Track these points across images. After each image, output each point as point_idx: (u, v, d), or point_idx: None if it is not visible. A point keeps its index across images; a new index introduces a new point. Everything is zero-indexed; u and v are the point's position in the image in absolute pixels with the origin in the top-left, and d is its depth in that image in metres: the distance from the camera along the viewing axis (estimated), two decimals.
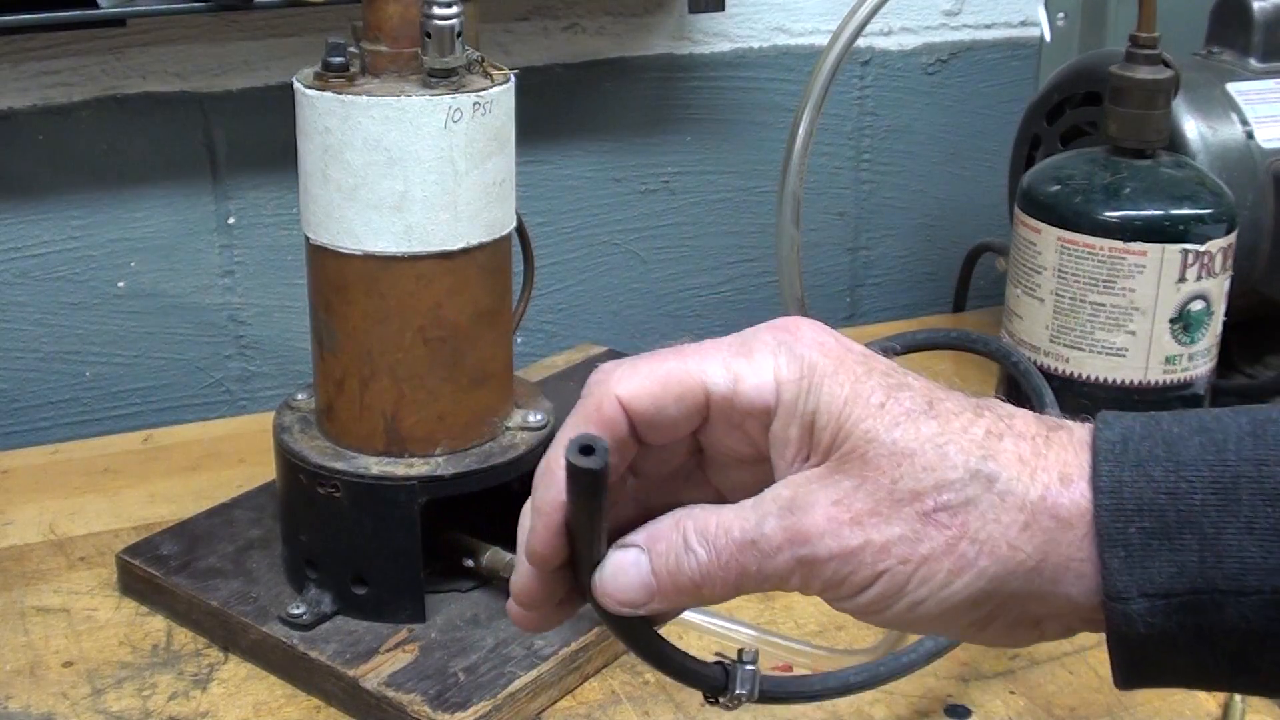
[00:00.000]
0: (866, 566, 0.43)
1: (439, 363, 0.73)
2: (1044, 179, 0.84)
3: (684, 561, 0.45)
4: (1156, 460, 0.43)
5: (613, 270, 1.20)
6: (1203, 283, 0.80)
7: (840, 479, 0.44)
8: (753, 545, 0.44)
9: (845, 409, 0.44)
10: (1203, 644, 0.43)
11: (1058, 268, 0.81)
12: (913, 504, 0.43)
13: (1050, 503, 0.43)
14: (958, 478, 0.43)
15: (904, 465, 0.43)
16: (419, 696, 0.69)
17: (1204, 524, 0.42)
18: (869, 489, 0.43)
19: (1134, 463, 0.43)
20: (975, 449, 0.44)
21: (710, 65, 1.18)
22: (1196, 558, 0.42)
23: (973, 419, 0.44)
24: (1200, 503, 0.42)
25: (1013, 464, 0.43)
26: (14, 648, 0.76)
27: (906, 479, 0.43)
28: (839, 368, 0.45)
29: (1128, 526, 0.42)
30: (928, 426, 0.44)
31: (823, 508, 0.44)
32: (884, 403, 0.44)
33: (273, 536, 0.81)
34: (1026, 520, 0.43)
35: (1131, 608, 0.42)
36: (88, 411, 1.06)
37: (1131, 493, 0.42)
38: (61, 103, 0.99)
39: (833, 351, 0.45)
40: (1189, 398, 0.82)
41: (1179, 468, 0.42)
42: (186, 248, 1.05)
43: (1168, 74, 0.82)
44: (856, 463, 0.44)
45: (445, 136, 0.70)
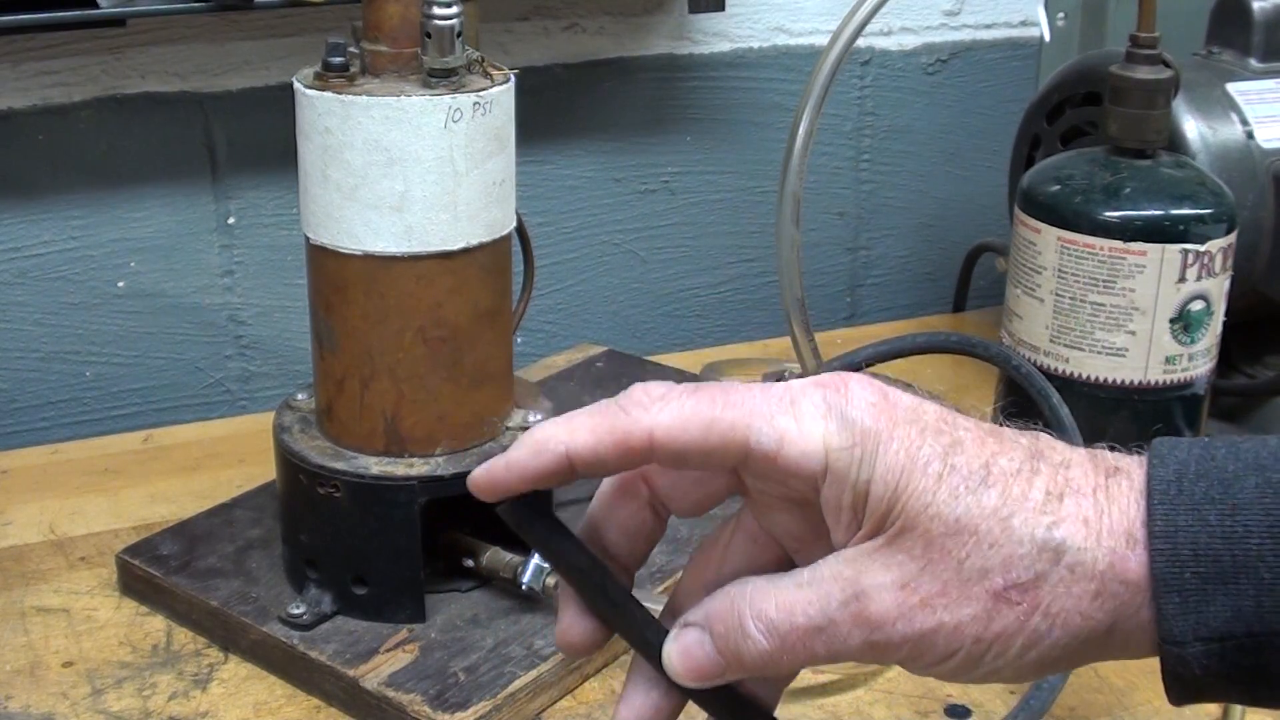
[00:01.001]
0: (940, 647, 0.43)
1: (439, 363, 0.73)
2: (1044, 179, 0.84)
3: (744, 647, 0.44)
4: (1212, 502, 0.42)
5: (613, 270, 1.20)
6: (1203, 283, 0.80)
7: (904, 559, 0.43)
8: (820, 631, 0.43)
9: (902, 480, 0.43)
10: (1259, 683, 0.42)
11: (1058, 268, 0.81)
12: (981, 583, 0.42)
13: (1119, 569, 0.42)
14: (1025, 552, 0.42)
15: (969, 543, 0.42)
16: (419, 696, 0.69)
17: (1260, 569, 0.41)
18: (935, 570, 0.43)
19: (1189, 505, 0.42)
20: (1039, 516, 0.43)
21: (710, 65, 1.18)
22: (1253, 602, 0.41)
23: (1030, 477, 0.43)
24: (1257, 547, 0.41)
25: (1078, 529, 0.43)
26: (14, 648, 0.76)
27: (973, 557, 0.42)
28: (892, 433, 0.43)
29: (1183, 571, 0.42)
30: (988, 498, 0.43)
31: (891, 592, 0.43)
32: (941, 473, 0.43)
33: (273, 536, 0.81)
34: (1097, 589, 0.42)
35: (1188, 652, 0.42)
36: (88, 411, 1.06)
37: (1187, 537, 0.42)
38: (61, 103, 0.99)
39: (884, 414, 0.44)
40: (1189, 398, 0.82)
41: (1235, 510, 0.42)
42: (186, 248, 1.05)
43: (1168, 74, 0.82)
44: (920, 541, 0.43)
45: (445, 136, 0.70)
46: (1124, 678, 0.76)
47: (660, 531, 0.50)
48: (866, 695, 0.74)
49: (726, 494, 0.48)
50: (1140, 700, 0.74)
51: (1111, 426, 0.82)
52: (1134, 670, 0.76)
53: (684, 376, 1.04)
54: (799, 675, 0.75)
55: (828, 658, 0.44)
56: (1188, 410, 0.83)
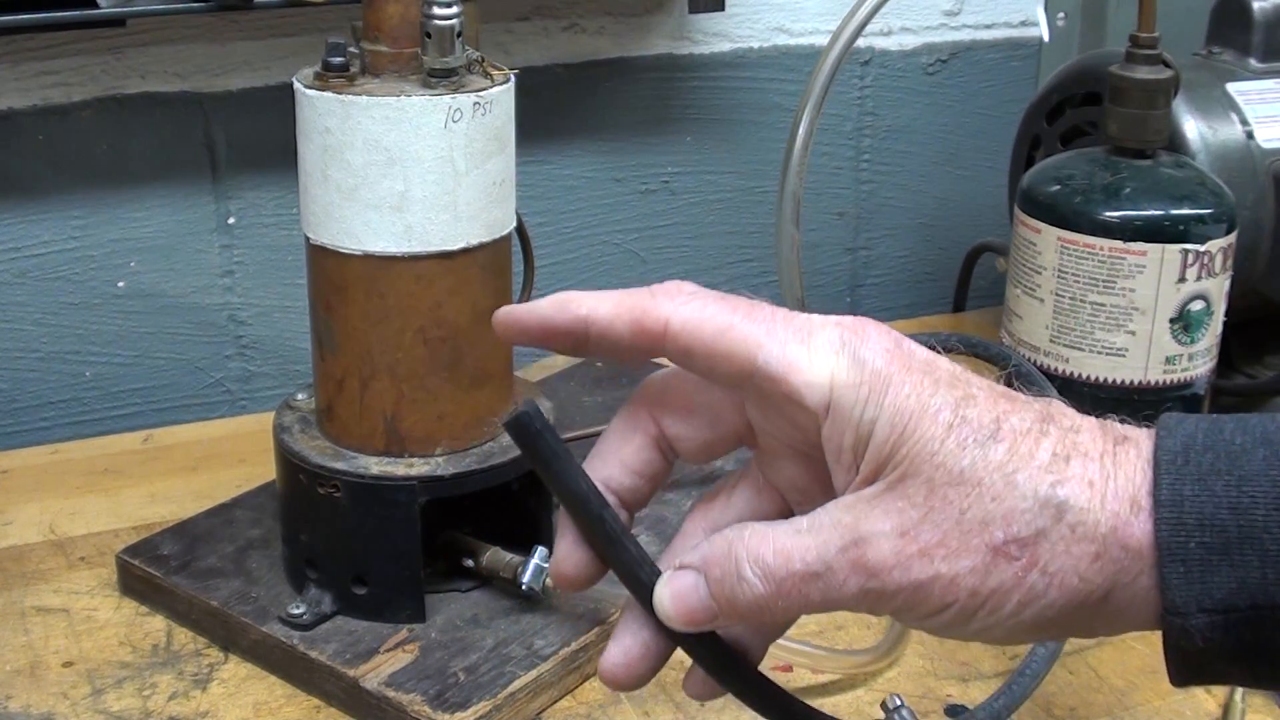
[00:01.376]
0: (935, 598, 0.43)
1: (439, 363, 0.73)
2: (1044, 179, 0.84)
3: (739, 591, 0.44)
4: (1219, 474, 0.42)
5: (613, 270, 1.20)
6: (1203, 283, 0.80)
7: (905, 506, 0.43)
8: (816, 577, 0.43)
9: (910, 424, 0.43)
10: (1261, 658, 0.42)
11: (1058, 268, 0.81)
12: (981, 535, 0.42)
13: (1121, 534, 0.42)
14: (1027, 507, 0.42)
15: (972, 495, 0.42)
16: (419, 696, 0.69)
17: (1266, 540, 0.41)
18: (936, 519, 0.42)
19: (1195, 476, 0.42)
20: (1044, 475, 0.42)
21: (710, 65, 1.18)
22: (1258, 574, 0.41)
23: (1039, 437, 0.43)
24: (1263, 518, 0.41)
25: (1083, 490, 0.42)
26: (14, 648, 0.76)
27: (975, 509, 0.42)
28: (905, 378, 0.43)
29: (1188, 541, 0.41)
30: (995, 452, 0.42)
31: (890, 540, 0.43)
32: (952, 422, 0.43)
33: (273, 536, 0.81)
34: (1098, 551, 0.42)
35: (1190, 623, 0.42)
36: (88, 411, 1.06)
37: (1193, 506, 0.42)
38: (61, 103, 0.99)
39: (898, 359, 0.44)
40: (1189, 398, 0.82)
41: (1241, 482, 0.42)
42: (186, 248, 1.05)
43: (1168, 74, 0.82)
44: (922, 488, 0.43)
45: (445, 136, 0.70)
46: (1124, 678, 0.76)
47: (666, 473, 0.49)
48: (866, 695, 0.74)
49: (734, 441, 0.48)
50: (1140, 700, 0.74)
51: None
52: (1134, 670, 0.76)
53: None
54: (799, 675, 0.75)
55: (823, 605, 0.44)
56: (1188, 410, 0.83)
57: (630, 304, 0.45)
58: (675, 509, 0.86)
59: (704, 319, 0.44)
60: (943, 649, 0.78)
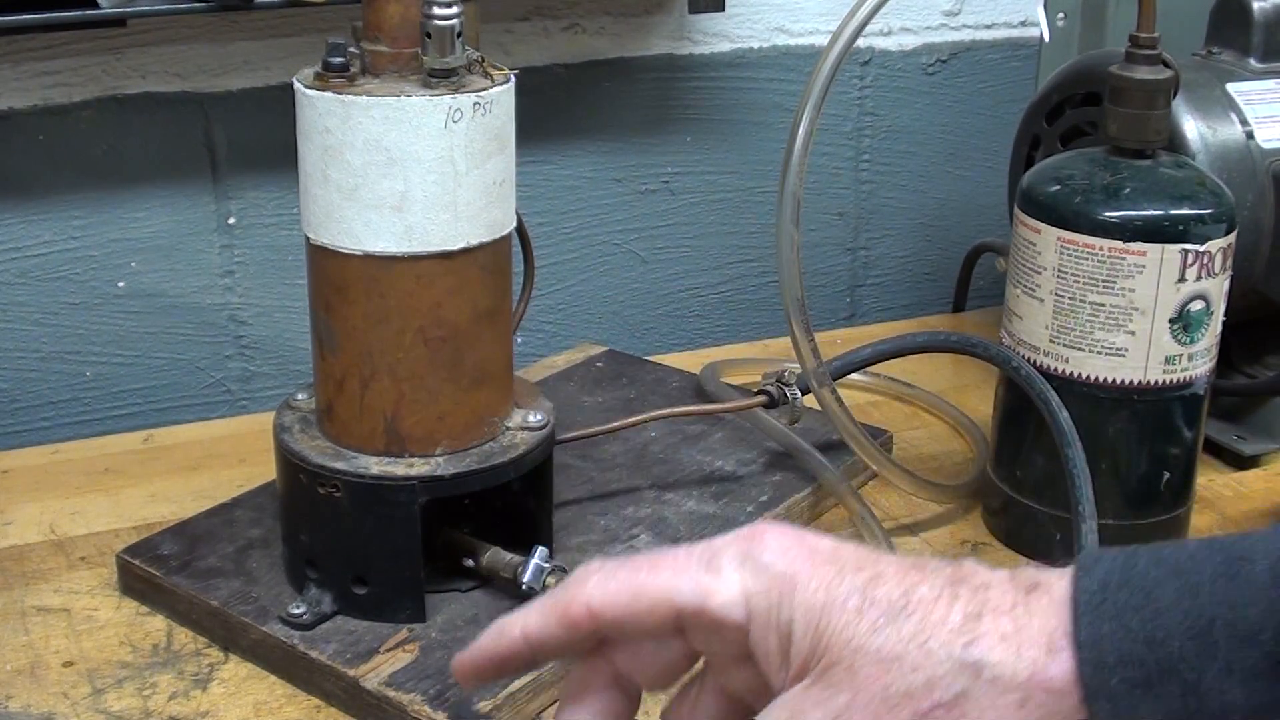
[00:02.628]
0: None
1: (439, 363, 0.73)
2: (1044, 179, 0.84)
3: None
4: (1134, 610, 0.43)
5: (613, 270, 1.20)
6: (1203, 283, 0.80)
7: (833, 694, 0.44)
8: None
9: (822, 618, 0.45)
10: None
11: (1057, 268, 0.81)
12: (907, 706, 0.44)
13: (1041, 678, 0.43)
14: (945, 671, 0.44)
15: (892, 670, 0.44)
16: (419, 696, 0.69)
17: (1184, 670, 0.42)
18: (863, 701, 0.44)
19: (1112, 614, 0.43)
20: (957, 637, 0.44)
21: (710, 65, 1.18)
22: (1180, 703, 0.42)
23: (950, 601, 0.45)
24: (1179, 649, 0.42)
25: (997, 644, 0.44)
26: (14, 648, 0.76)
27: (896, 683, 0.44)
28: (812, 573, 0.46)
29: (1110, 678, 0.43)
30: (907, 625, 0.44)
31: (821, 717, 0.44)
32: (861, 606, 0.45)
33: (273, 536, 0.81)
34: (1022, 698, 0.43)
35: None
36: (88, 411, 1.06)
37: (1111, 644, 0.43)
38: (61, 103, 0.99)
39: (800, 557, 0.46)
40: (1189, 398, 0.82)
41: (1156, 616, 0.43)
42: (187, 248, 1.05)
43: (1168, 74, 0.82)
44: (844, 675, 0.44)
45: (445, 136, 0.70)
46: None
47: (633, 711, 0.52)
48: None
49: (688, 660, 0.50)
50: None
51: (1111, 427, 0.82)
52: None
53: (684, 376, 1.04)
54: None
55: None
56: (1187, 410, 0.83)
57: (553, 605, 0.48)
58: (675, 508, 0.86)
59: (616, 590, 0.47)
60: None
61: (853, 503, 0.88)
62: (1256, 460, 0.98)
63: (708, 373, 1.03)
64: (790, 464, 0.92)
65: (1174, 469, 0.84)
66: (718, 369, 1.03)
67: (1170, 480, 0.84)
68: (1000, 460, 0.88)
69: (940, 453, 0.99)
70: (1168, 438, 0.83)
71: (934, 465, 0.97)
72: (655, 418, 0.91)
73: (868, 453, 0.88)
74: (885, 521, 0.88)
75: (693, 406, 0.95)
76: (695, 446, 0.94)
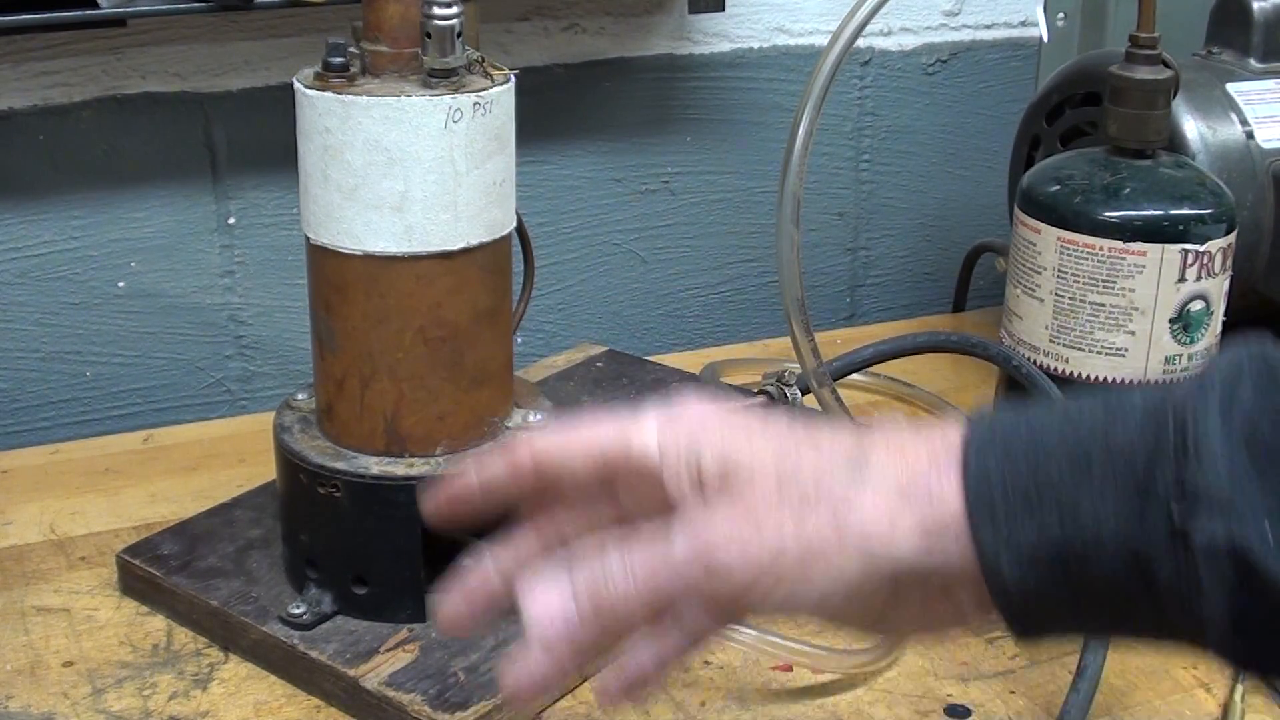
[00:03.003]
0: (766, 554, 0.47)
1: (439, 363, 0.73)
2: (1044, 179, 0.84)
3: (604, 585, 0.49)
4: (1019, 440, 0.47)
5: (613, 270, 1.20)
6: (1202, 283, 0.80)
7: (732, 500, 0.48)
8: (666, 563, 0.48)
9: (729, 450, 0.49)
10: (1077, 601, 0.46)
11: (1057, 268, 0.81)
12: (797, 493, 0.48)
13: (924, 479, 0.47)
14: (835, 468, 0.48)
15: (789, 482, 0.48)
16: (419, 696, 0.69)
17: (1061, 492, 0.45)
18: (759, 495, 0.48)
19: (1000, 448, 0.47)
20: (850, 449, 0.49)
21: (710, 65, 1.18)
22: (1057, 522, 0.45)
23: (851, 436, 0.49)
24: (1057, 473, 0.45)
25: (884, 452, 0.48)
26: (14, 648, 0.76)
27: (790, 484, 0.48)
28: (721, 422, 0.50)
29: (994, 503, 0.46)
30: (809, 453, 0.49)
31: (722, 518, 0.48)
32: (765, 433, 0.50)
33: (273, 536, 0.81)
34: (902, 491, 0.47)
35: (1003, 571, 0.46)
36: (88, 411, 1.06)
37: (997, 473, 0.46)
38: (61, 103, 0.99)
39: (713, 412, 0.51)
40: None
41: (1038, 446, 0.46)
42: (187, 248, 1.05)
43: (1168, 74, 0.82)
44: (744, 483, 0.48)
45: (445, 136, 0.70)
46: (1124, 678, 0.76)
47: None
48: (866, 695, 0.74)
49: (617, 527, 0.53)
50: (1140, 700, 0.74)
51: None
52: (1134, 670, 0.76)
53: (684, 376, 1.04)
54: (800, 675, 0.75)
55: (669, 591, 0.48)
56: None
57: (502, 452, 0.53)
58: None
59: (556, 439, 0.52)
60: (942, 649, 0.78)
61: None
62: None
63: (708, 373, 1.03)
64: None
65: None
66: (718, 369, 1.03)
67: None
68: None
69: None
70: None
71: None
72: None
73: None
74: None
75: None
76: None
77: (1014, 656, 0.77)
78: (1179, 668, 0.77)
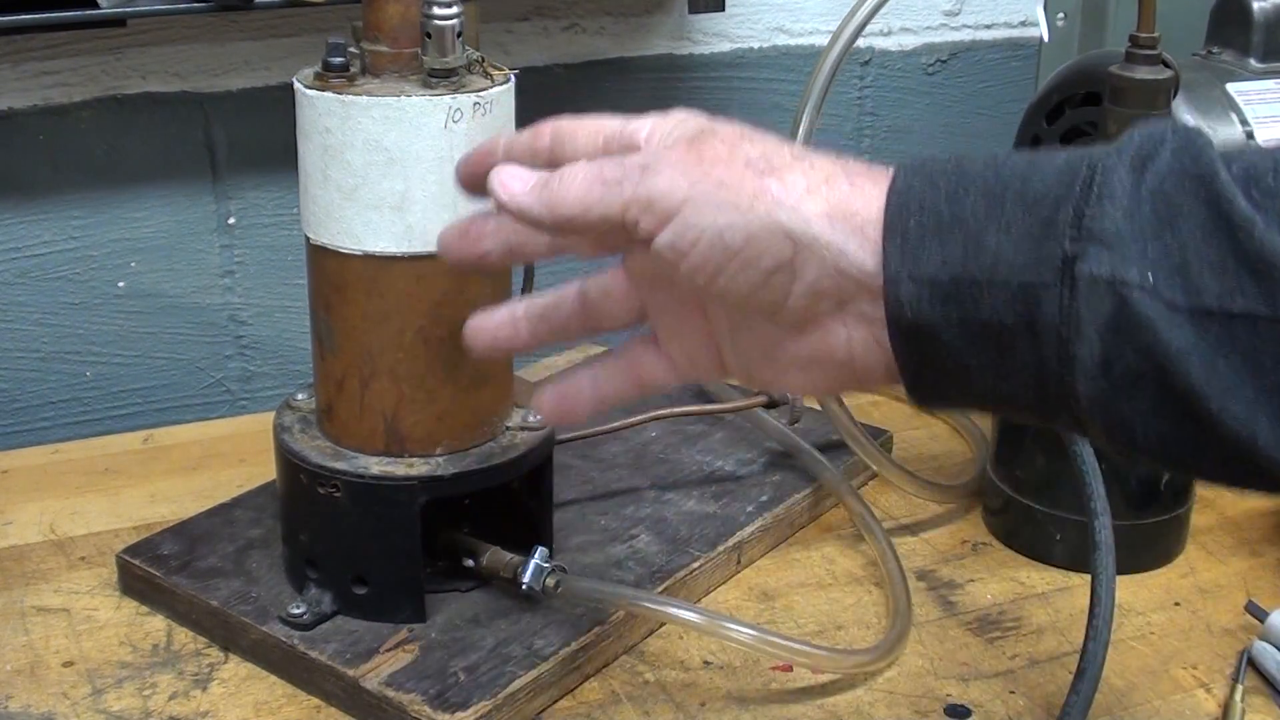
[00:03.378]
0: (700, 184, 0.51)
1: (439, 363, 0.73)
2: None
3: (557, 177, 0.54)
4: (945, 173, 0.49)
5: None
6: None
7: (690, 147, 0.52)
8: (616, 166, 0.53)
9: (705, 124, 0.53)
10: (965, 338, 0.48)
11: None
12: (743, 158, 0.51)
13: (851, 176, 0.50)
14: (778, 150, 0.52)
15: (741, 148, 0.52)
16: (419, 696, 0.69)
17: (970, 222, 0.48)
18: (711, 150, 0.52)
19: (926, 173, 0.50)
20: (802, 153, 0.52)
21: (710, 65, 1.18)
22: (960, 250, 0.48)
23: (804, 152, 0.53)
24: (971, 205, 0.48)
25: (826, 156, 0.52)
26: (14, 648, 0.76)
27: (740, 151, 0.51)
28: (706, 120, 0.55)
29: (908, 220, 0.49)
30: (771, 142, 0.52)
31: (675, 153, 0.52)
32: (738, 127, 0.53)
33: (273, 536, 0.81)
34: (828, 179, 0.50)
35: (902, 291, 0.48)
36: (88, 411, 1.06)
37: (917, 193, 0.49)
38: (61, 103, 0.99)
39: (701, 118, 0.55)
40: None
41: (961, 178, 0.49)
42: (187, 248, 1.05)
43: (1168, 74, 0.82)
44: (705, 141, 0.52)
45: (445, 136, 0.70)
46: (1124, 678, 0.76)
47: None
48: (866, 695, 0.74)
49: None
50: (1140, 700, 0.74)
51: None
52: (1134, 670, 0.76)
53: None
54: (799, 675, 0.75)
55: (607, 204, 0.53)
56: None
57: (527, 129, 0.58)
58: (675, 508, 0.86)
59: (569, 119, 0.57)
60: (942, 649, 0.78)
61: (853, 503, 0.88)
62: None
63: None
64: (790, 464, 0.92)
65: None
66: None
67: (1170, 480, 0.84)
68: (1000, 460, 0.88)
69: (940, 453, 0.99)
70: None
71: (934, 465, 0.97)
72: (655, 418, 0.91)
73: (868, 453, 0.88)
74: (885, 521, 0.88)
75: (693, 406, 0.95)
76: (695, 446, 0.94)
77: (1014, 656, 0.77)
78: (1179, 668, 0.77)
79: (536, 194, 0.55)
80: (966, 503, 0.92)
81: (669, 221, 0.51)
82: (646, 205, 0.51)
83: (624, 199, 0.52)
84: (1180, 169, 0.47)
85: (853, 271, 0.50)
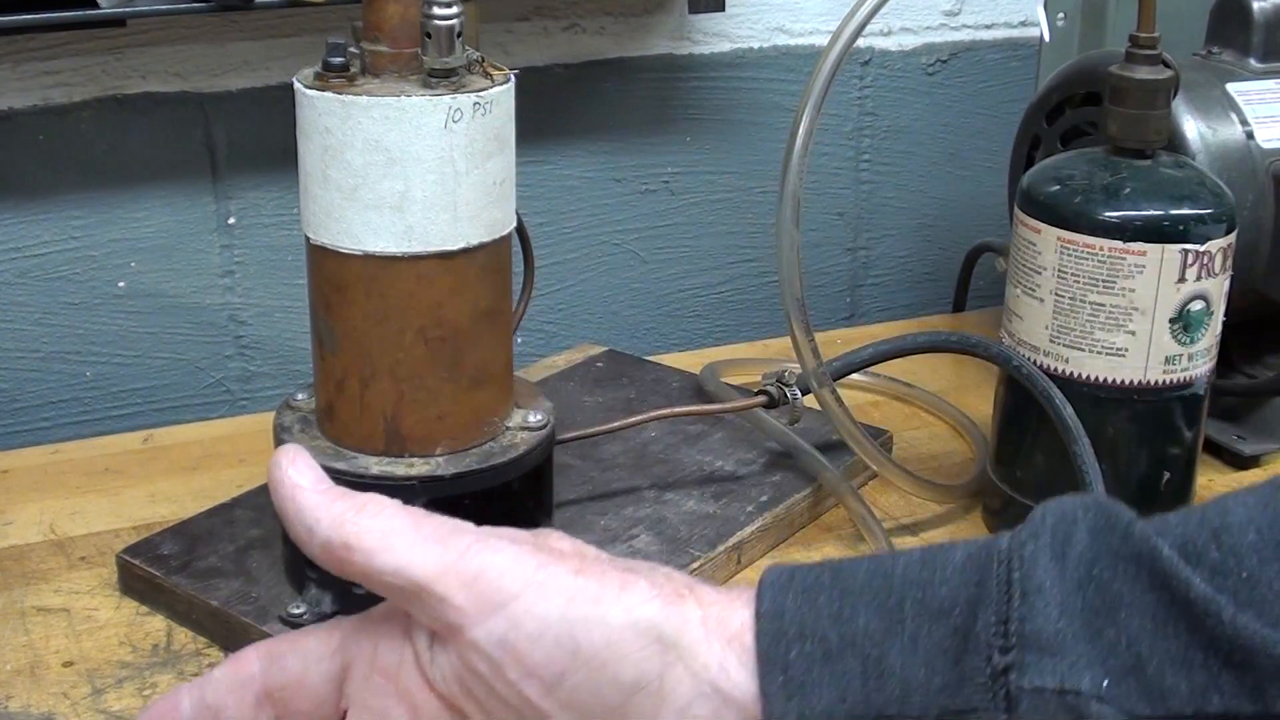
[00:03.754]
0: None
1: (439, 363, 0.73)
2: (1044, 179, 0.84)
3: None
4: (823, 587, 0.42)
5: (613, 270, 1.20)
6: (1203, 283, 0.80)
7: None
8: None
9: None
10: None
11: (1057, 268, 0.81)
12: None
13: (720, 624, 0.43)
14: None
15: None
16: None
17: (867, 645, 0.40)
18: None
19: (799, 590, 0.42)
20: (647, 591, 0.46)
21: (710, 65, 1.18)
22: (859, 680, 0.40)
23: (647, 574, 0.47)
24: (864, 624, 0.41)
25: (678, 597, 0.45)
26: (14, 648, 0.76)
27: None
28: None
29: (788, 651, 0.41)
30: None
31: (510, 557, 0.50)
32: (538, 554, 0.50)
33: (273, 536, 0.81)
34: (702, 619, 0.44)
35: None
36: (88, 411, 1.06)
37: (794, 617, 0.41)
38: (61, 103, 0.99)
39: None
40: (1189, 398, 0.82)
41: (844, 594, 0.41)
42: (186, 248, 1.05)
43: (1168, 74, 0.82)
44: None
45: (445, 136, 0.70)
46: None
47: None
48: None
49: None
50: None
51: (1111, 426, 0.82)
52: None
53: (684, 376, 1.04)
54: None
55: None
56: (1187, 410, 0.83)
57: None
58: (675, 508, 0.86)
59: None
60: None
61: (853, 503, 0.88)
62: (1256, 460, 0.97)
63: (708, 373, 1.03)
64: (790, 464, 0.92)
65: (1174, 469, 0.84)
66: (718, 369, 1.03)
67: (1171, 480, 0.84)
68: (1000, 460, 0.88)
69: (940, 453, 0.99)
70: (1168, 438, 0.83)
71: (934, 465, 0.97)
72: (655, 418, 0.91)
73: (868, 453, 0.88)
74: (885, 521, 0.88)
75: (693, 406, 0.95)
76: (695, 446, 0.94)
77: None
78: None
79: None
80: (966, 503, 0.92)
81: None
82: None
83: None
84: (1109, 549, 0.40)
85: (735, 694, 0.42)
